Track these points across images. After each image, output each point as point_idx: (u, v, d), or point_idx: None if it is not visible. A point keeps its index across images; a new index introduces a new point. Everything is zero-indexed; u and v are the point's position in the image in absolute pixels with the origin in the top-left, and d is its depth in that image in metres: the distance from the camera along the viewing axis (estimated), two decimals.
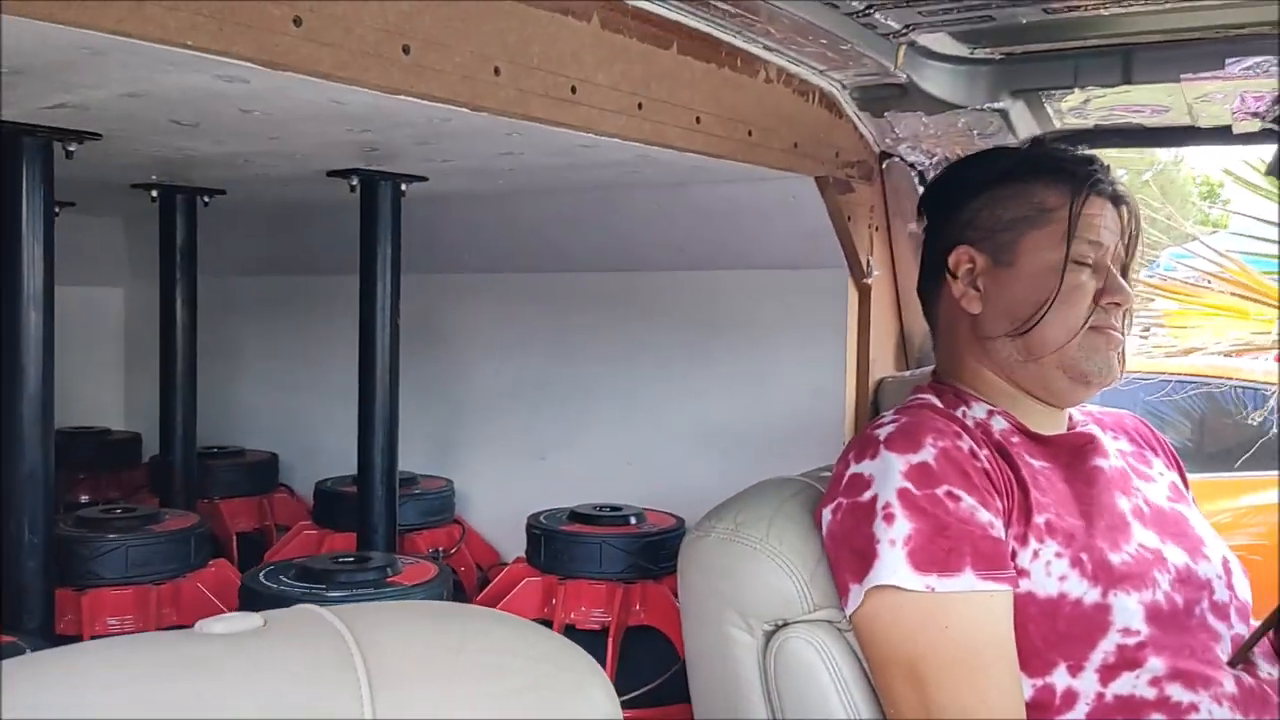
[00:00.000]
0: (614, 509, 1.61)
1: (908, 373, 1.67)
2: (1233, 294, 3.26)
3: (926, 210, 1.40)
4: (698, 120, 1.25)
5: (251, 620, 0.71)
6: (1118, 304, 1.25)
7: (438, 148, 1.28)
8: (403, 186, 1.54)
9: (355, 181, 1.49)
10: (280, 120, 1.12)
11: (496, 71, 0.99)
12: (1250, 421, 3.67)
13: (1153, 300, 3.30)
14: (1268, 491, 3.47)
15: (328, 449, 2.08)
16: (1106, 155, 1.40)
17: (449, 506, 1.90)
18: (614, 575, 1.50)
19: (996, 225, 1.28)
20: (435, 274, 2.00)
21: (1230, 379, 4.15)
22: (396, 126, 1.15)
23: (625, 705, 0.89)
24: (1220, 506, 3.56)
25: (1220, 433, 4.20)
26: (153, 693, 0.63)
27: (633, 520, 1.58)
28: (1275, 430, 3.52)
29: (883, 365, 1.65)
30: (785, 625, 1.19)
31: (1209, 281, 3.32)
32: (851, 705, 1.15)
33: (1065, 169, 1.28)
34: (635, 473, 1.84)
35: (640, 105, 1.17)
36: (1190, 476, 1.40)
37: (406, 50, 0.90)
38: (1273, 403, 3.48)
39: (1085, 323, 1.24)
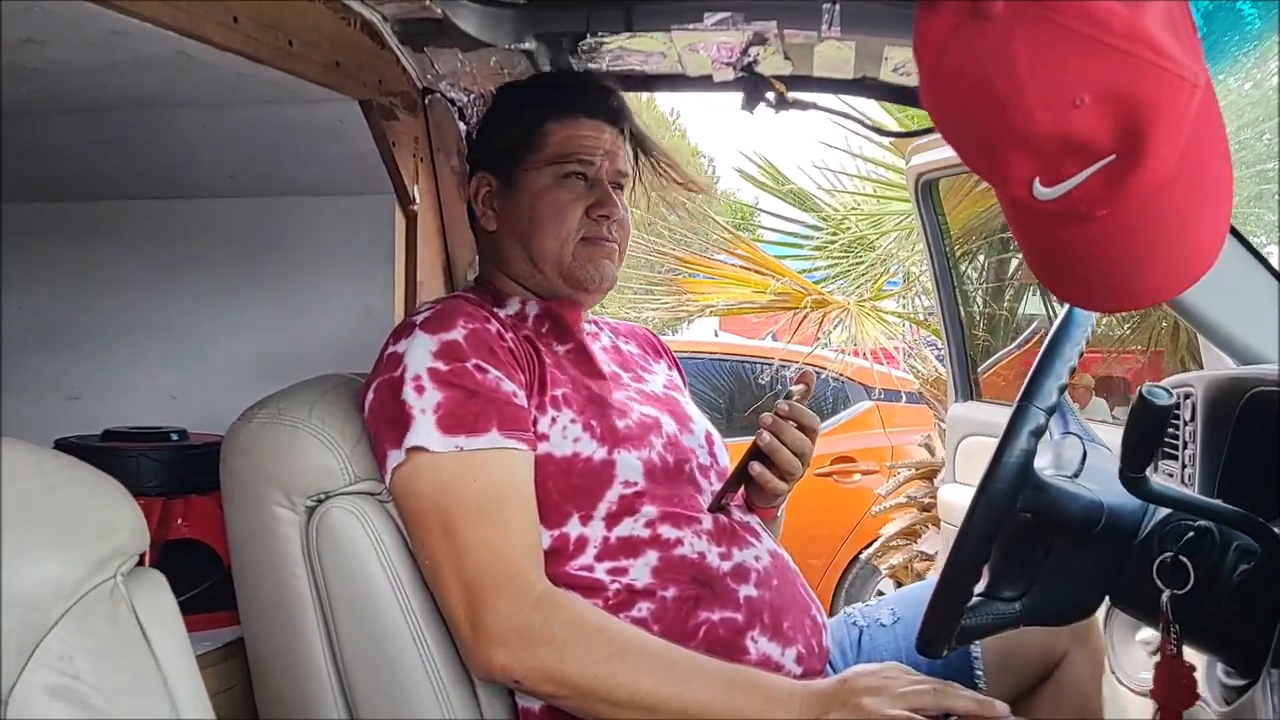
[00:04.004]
0: (154, 428, 1.57)
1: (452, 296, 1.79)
2: (741, 266, 3.80)
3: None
4: (236, 20, 1.28)
5: None
6: (606, 216, 1.42)
7: None
8: None
9: None
10: None
11: None
12: (761, 382, 4.25)
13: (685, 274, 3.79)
14: None
15: None
16: None
17: None
18: (153, 489, 1.47)
19: (502, 151, 1.46)
20: None
21: (746, 355, 4.78)
22: None
23: None
24: None
25: (746, 403, 4.81)
26: None
27: (174, 437, 1.55)
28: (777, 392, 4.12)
29: (430, 289, 1.75)
30: (327, 498, 1.26)
31: (724, 257, 3.85)
32: (390, 567, 1.24)
33: (558, 94, 1.47)
34: (181, 406, 1.79)
35: None
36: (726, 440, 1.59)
37: None
38: (775, 365, 4.05)
39: (577, 234, 1.41)
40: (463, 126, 1.76)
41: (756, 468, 1.37)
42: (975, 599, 1.14)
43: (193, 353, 1.83)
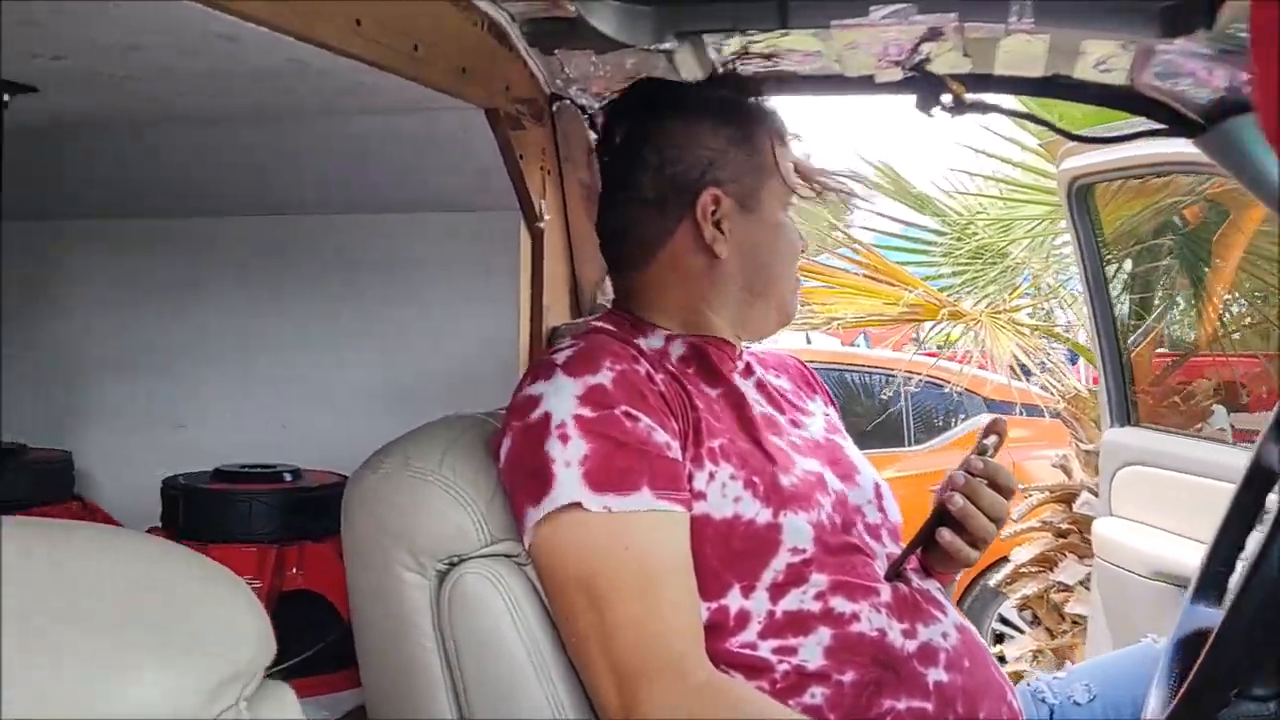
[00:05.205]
0: (266, 467, 1.45)
1: (581, 320, 1.65)
2: (865, 275, 3.58)
3: (637, 136, 1.30)
4: (358, 23, 1.15)
5: None
6: (802, 251, 1.34)
7: (46, 33, 1.09)
8: (4, 97, 1.31)
9: None
10: None
11: None
12: (883, 397, 4.03)
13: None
14: (889, 468, 3.84)
15: None
16: None
17: (66, 481, 1.65)
18: (266, 536, 1.36)
19: (743, 171, 1.26)
20: (46, 221, 1.74)
21: (861, 365, 4.56)
22: None
23: (283, 676, 0.77)
24: None
25: (855, 415, 4.60)
26: None
27: (288, 477, 1.43)
28: (900, 406, 3.90)
29: (557, 313, 1.61)
30: (460, 561, 1.11)
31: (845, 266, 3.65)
32: (529, 637, 1.10)
33: (776, 121, 1.32)
34: (293, 437, 1.69)
35: None
36: None
37: None
38: (897, 382, 3.84)
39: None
40: (594, 136, 1.61)
41: (946, 535, 1.19)
42: None
43: (303, 379, 1.72)
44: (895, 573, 1.19)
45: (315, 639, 1.31)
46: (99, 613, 0.63)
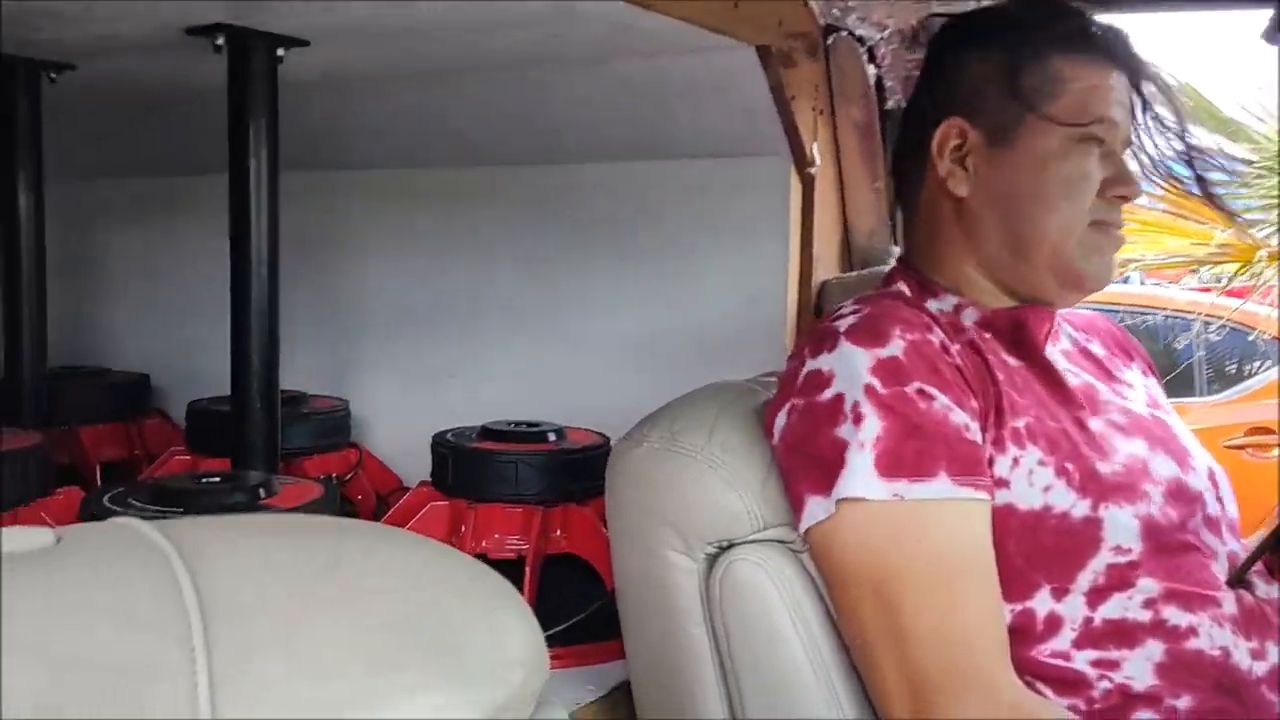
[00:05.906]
0: (531, 425, 1.43)
1: (853, 274, 1.52)
2: (1164, 211, 3.20)
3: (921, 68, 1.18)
4: None
5: (40, 537, 0.51)
6: (1125, 197, 1.08)
7: None
8: (279, 51, 1.32)
9: (221, 41, 1.26)
10: None
11: None
12: (1176, 346, 3.64)
13: None
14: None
15: (208, 370, 1.84)
16: None
17: (343, 428, 1.70)
18: (531, 497, 1.33)
19: (995, 97, 1.08)
20: (325, 171, 1.78)
21: (1154, 307, 4.14)
22: None
23: (549, 643, 0.71)
24: None
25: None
26: None
27: (552, 437, 1.40)
28: (1199, 354, 3.52)
29: (826, 266, 1.49)
30: (731, 546, 1.03)
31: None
32: (807, 633, 1.01)
33: (1082, 32, 1.09)
34: (555, 390, 1.67)
35: None
36: None
37: None
38: (1197, 327, 3.45)
39: (1087, 218, 1.06)
40: (872, 70, 1.47)
41: None
42: None
43: (568, 331, 1.69)
44: (1239, 578, 1.01)
45: (580, 606, 1.27)
46: (370, 622, 0.58)
